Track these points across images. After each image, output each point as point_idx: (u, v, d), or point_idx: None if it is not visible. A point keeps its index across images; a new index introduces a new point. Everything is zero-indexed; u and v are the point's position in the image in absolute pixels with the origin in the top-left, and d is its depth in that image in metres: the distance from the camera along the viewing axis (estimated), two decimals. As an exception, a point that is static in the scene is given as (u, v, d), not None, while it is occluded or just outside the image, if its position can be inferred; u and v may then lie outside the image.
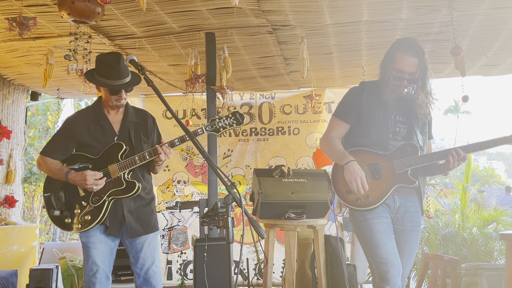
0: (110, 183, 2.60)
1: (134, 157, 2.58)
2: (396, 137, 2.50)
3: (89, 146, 2.65)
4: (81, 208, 2.58)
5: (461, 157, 2.36)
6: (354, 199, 2.45)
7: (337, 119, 2.59)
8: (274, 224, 3.72)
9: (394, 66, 2.44)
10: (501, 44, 4.20)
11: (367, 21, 3.74)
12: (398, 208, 2.50)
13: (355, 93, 2.59)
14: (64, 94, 6.04)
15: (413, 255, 2.55)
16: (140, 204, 2.71)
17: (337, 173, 2.51)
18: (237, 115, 2.62)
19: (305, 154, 5.79)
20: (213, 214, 2.31)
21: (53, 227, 11.29)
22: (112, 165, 2.60)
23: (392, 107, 2.51)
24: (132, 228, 2.65)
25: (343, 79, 5.48)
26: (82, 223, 2.55)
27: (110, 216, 2.61)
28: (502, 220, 5.48)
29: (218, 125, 2.60)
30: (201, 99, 5.58)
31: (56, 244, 5.86)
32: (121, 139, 2.67)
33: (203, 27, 3.93)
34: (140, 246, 2.69)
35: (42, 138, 12.16)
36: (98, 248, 2.60)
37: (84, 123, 2.67)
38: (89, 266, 2.60)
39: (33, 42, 4.13)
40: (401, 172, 2.42)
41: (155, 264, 2.72)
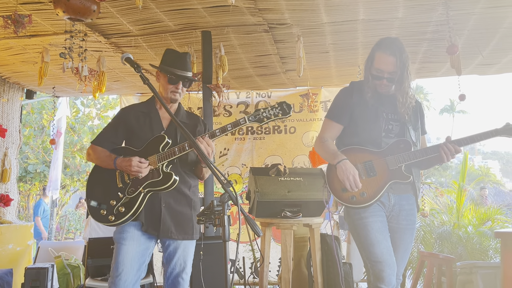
0: (148, 174, 2.49)
1: (173, 148, 2.46)
2: (389, 134, 2.51)
3: (135, 137, 2.58)
4: (117, 199, 2.48)
5: (453, 151, 2.36)
6: (349, 197, 2.46)
7: (329, 121, 2.63)
8: (270, 222, 3.72)
9: (373, 65, 2.48)
10: (496, 43, 4.22)
11: (363, 19, 3.75)
12: (393, 206, 2.51)
13: (346, 93, 2.62)
14: (60, 92, 6.01)
15: (408, 253, 2.55)
16: (179, 202, 2.56)
17: (332, 172, 2.53)
18: (284, 106, 2.40)
19: (301, 153, 5.80)
20: (209, 212, 2.32)
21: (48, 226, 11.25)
22: (152, 156, 2.50)
23: (383, 105, 2.53)
24: (165, 225, 2.50)
25: (339, 78, 5.48)
26: (116, 215, 2.44)
27: (146, 211, 2.49)
28: (497, 219, 5.51)
29: (262, 115, 2.40)
30: (197, 98, 5.58)
31: (51, 243, 5.84)
32: (168, 135, 2.56)
33: (200, 25, 3.92)
34: (174, 251, 2.56)
35: (37, 137, 12.10)
36: (129, 245, 2.45)
37: (135, 114, 2.64)
38: (115, 265, 2.43)
39: (28, 40, 4.11)
40: (395, 168, 2.43)
41: (186, 271, 2.58)
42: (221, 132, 2.44)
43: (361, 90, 2.56)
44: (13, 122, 5.67)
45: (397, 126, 2.52)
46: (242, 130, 5.93)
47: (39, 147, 12.13)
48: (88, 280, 3.83)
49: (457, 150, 2.37)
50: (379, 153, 2.47)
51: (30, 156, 11.80)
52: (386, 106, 2.54)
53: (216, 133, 2.44)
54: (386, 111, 2.54)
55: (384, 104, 2.54)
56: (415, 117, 2.57)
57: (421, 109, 2.63)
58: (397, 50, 2.43)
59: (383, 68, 2.44)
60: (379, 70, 2.45)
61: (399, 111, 2.51)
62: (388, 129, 2.51)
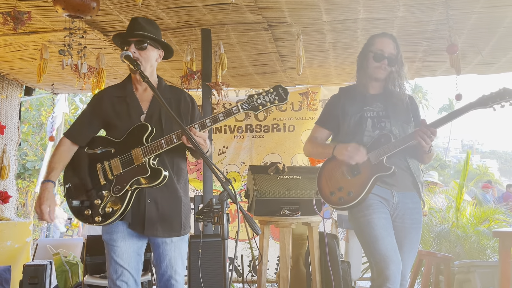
0: (133, 170, 2.24)
1: (160, 141, 2.20)
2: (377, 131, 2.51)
3: (113, 126, 2.34)
4: (102, 198, 2.26)
5: (428, 133, 2.34)
6: (337, 199, 2.48)
7: (317, 126, 2.71)
8: (269, 221, 3.72)
9: (374, 48, 2.53)
10: (496, 43, 4.22)
11: (363, 18, 3.74)
12: (397, 204, 2.48)
13: (333, 100, 2.69)
14: (59, 89, 6.01)
15: (414, 253, 2.51)
16: (168, 198, 2.32)
17: (321, 178, 2.58)
18: (279, 90, 2.16)
19: (300, 151, 5.79)
20: (208, 210, 2.32)
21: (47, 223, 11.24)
22: (136, 149, 2.24)
23: (371, 105, 2.55)
24: (150, 223, 2.26)
25: (338, 77, 5.48)
26: (102, 215, 2.23)
27: (133, 209, 2.26)
28: (495, 218, 5.51)
29: (257, 102, 2.15)
30: (196, 95, 5.57)
31: (49, 240, 5.84)
32: (149, 119, 2.31)
33: (199, 23, 3.91)
34: (164, 252, 2.32)
35: (35, 133, 12.09)
36: (121, 246, 2.26)
37: (110, 99, 2.37)
38: (112, 268, 2.26)
39: (28, 37, 4.10)
40: (377, 162, 2.43)
41: (178, 273, 2.35)
42: (213, 122, 2.19)
43: (351, 92, 2.61)
44: (11, 119, 5.66)
45: (389, 123, 2.52)
46: (241, 128, 5.92)
47: (38, 144, 12.11)
48: (86, 277, 3.83)
49: (432, 131, 2.35)
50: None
51: (29, 153, 11.79)
52: (374, 106, 2.56)
53: (207, 124, 2.19)
54: (376, 110, 2.55)
55: (372, 104, 2.56)
56: (405, 110, 2.57)
57: (412, 102, 2.64)
58: (392, 37, 2.55)
59: (385, 49, 2.50)
60: (381, 50, 2.50)
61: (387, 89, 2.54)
62: (381, 127, 2.52)
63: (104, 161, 2.30)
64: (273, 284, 5.63)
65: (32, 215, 12.12)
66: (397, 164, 2.46)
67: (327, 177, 2.56)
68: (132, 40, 2.31)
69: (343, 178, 2.48)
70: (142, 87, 2.38)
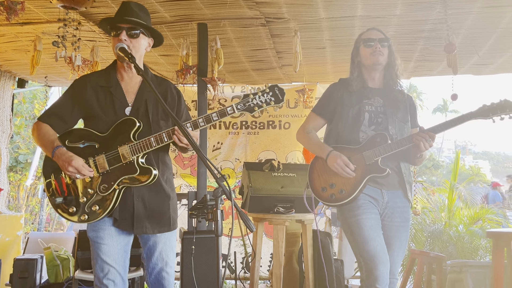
0: (121, 169, 2.13)
1: (149, 138, 2.10)
2: (378, 127, 2.51)
3: (96, 118, 2.19)
4: (87, 196, 2.15)
5: (427, 137, 2.35)
6: (329, 195, 2.47)
7: (313, 114, 2.68)
8: (263, 218, 3.70)
9: (362, 40, 2.55)
10: (493, 43, 4.22)
11: (361, 16, 3.73)
12: (387, 203, 2.49)
13: (332, 89, 2.66)
14: (52, 82, 5.93)
15: (403, 251, 2.53)
16: (155, 194, 2.24)
17: (312, 172, 2.57)
18: (276, 90, 2.08)
19: (295, 149, 5.78)
20: (202, 206, 2.30)
21: (38, 217, 11.16)
22: (123, 146, 2.13)
23: (370, 98, 2.54)
24: (139, 221, 2.18)
25: (335, 74, 5.46)
26: (89, 213, 2.14)
27: (121, 207, 2.17)
28: (487, 218, 5.54)
29: (253, 103, 2.08)
30: (192, 91, 5.53)
31: (41, 234, 5.78)
32: (135, 111, 2.19)
33: (196, 17, 3.87)
34: (154, 245, 2.25)
35: (28, 126, 11.98)
36: (109, 244, 2.17)
37: (93, 88, 2.21)
38: (98, 265, 2.18)
39: (21, 28, 4.03)
40: (371, 163, 2.42)
41: (169, 265, 2.30)
42: (206, 122, 2.09)
43: (348, 85, 2.58)
44: (4, 111, 5.59)
45: (385, 120, 2.51)
46: (236, 124, 5.89)
47: (30, 137, 12.01)
48: (77, 272, 3.80)
49: (431, 136, 2.36)
50: (357, 149, 2.48)
51: (21, 146, 11.69)
52: (373, 99, 2.55)
53: (199, 123, 2.09)
54: (375, 104, 2.54)
55: (370, 97, 2.54)
56: (404, 109, 2.57)
57: (411, 102, 2.64)
58: (379, 29, 2.59)
59: (371, 36, 2.53)
60: (368, 38, 2.52)
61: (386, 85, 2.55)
62: (378, 122, 2.51)
63: (89, 157, 2.16)
64: (266, 281, 5.61)
65: (23, 208, 12.02)
66: (388, 164, 2.45)
67: (319, 171, 2.55)
68: (124, 26, 2.18)
69: (336, 175, 2.46)
70: (128, 76, 2.26)
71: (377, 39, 2.52)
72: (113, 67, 2.28)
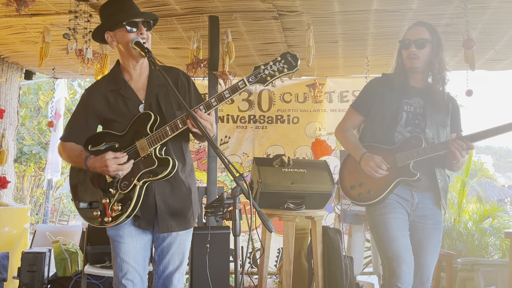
0: (140, 163, 2.08)
1: (165, 127, 2.04)
2: (415, 129, 2.45)
3: (112, 121, 2.17)
4: (110, 197, 2.11)
5: (464, 146, 2.30)
6: (357, 194, 2.48)
7: (352, 110, 2.65)
8: (273, 214, 3.67)
9: (404, 39, 2.48)
10: (509, 39, 4.14)
11: (376, 10, 3.65)
12: (417, 204, 2.45)
13: (373, 85, 2.60)
14: (60, 74, 5.88)
15: (436, 254, 2.46)
16: (177, 190, 2.18)
17: (344, 169, 2.58)
18: (288, 57, 1.96)
19: (303, 144, 5.73)
20: (218, 205, 2.25)
21: (43, 208, 11.18)
22: (141, 140, 2.08)
23: (411, 98, 2.48)
24: (164, 221, 2.13)
25: (345, 69, 5.40)
26: (112, 215, 2.09)
27: (143, 207, 2.11)
28: (497, 216, 5.50)
29: (265, 73, 1.96)
30: (202, 84, 5.47)
31: (48, 227, 5.77)
32: (148, 107, 2.15)
33: (207, 10, 3.80)
34: (168, 246, 2.19)
35: (33, 118, 11.96)
36: (128, 242, 2.14)
37: (102, 94, 2.19)
38: (118, 264, 2.15)
39: (30, 19, 3.98)
40: (403, 165, 2.39)
41: (180, 270, 2.22)
42: (218, 101, 2.00)
43: (390, 82, 2.52)
44: (11, 103, 5.55)
45: (424, 122, 2.45)
46: (244, 118, 5.84)
47: (35, 128, 11.99)
48: (87, 266, 3.78)
49: (468, 145, 2.31)
50: (390, 150, 2.44)
51: (26, 137, 11.67)
52: (413, 99, 2.48)
53: (212, 103, 2.01)
54: (414, 105, 2.48)
55: (411, 96, 2.48)
56: (444, 112, 2.50)
57: (454, 106, 2.55)
58: (426, 23, 2.50)
59: (410, 37, 2.45)
60: (407, 39, 2.45)
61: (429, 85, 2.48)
62: (415, 124, 2.46)
63: None
64: (272, 277, 5.59)
65: (28, 199, 12.04)
66: (421, 168, 2.40)
67: (350, 169, 2.55)
68: (139, 20, 2.12)
69: (365, 174, 2.45)
70: (137, 73, 2.21)
71: (414, 41, 2.42)
72: (118, 69, 2.24)
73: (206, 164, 5.56)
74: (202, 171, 5.76)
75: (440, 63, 2.44)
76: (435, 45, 2.44)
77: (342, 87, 5.71)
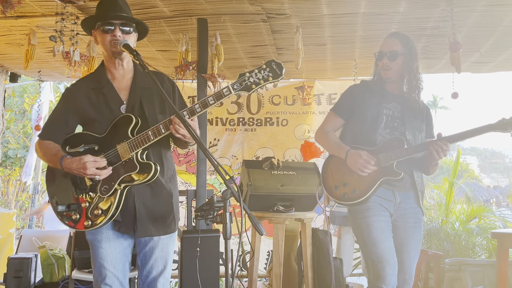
0: (121, 167, 2.05)
1: (147, 132, 2.01)
2: (393, 132, 2.52)
3: (93, 121, 2.13)
4: (89, 200, 2.07)
5: (444, 147, 2.36)
6: (341, 194, 2.51)
7: (332, 113, 2.70)
8: (263, 216, 3.67)
9: (380, 50, 2.57)
10: (494, 42, 4.21)
11: (364, 13, 3.68)
12: (399, 204, 2.51)
13: (353, 89, 2.68)
14: (46, 76, 5.80)
15: (418, 252, 2.54)
16: (157, 194, 2.16)
17: (326, 169, 2.61)
18: (273, 65, 1.96)
19: (292, 146, 5.74)
20: (208, 208, 2.23)
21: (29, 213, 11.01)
22: (122, 143, 2.05)
23: (389, 103, 2.56)
24: (142, 225, 2.10)
25: (334, 71, 5.43)
26: (91, 218, 2.05)
27: (122, 211, 2.08)
28: (484, 216, 5.57)
29: (249, 81, 1.96)
30: (191, 87, 5.45)
31: (35, 232, 5.68)
32: (130, 109, 2.12)
33: (196, 12, 3.79)
34: (151, 251, 2.16)
35: (18, 121, 11.79)
36: (106, 247, 2.10)
37: (84, 92, 2.15)
38: (96, 269, 2.12)
39: (15, 21, 3.91)
40: (386, 166, 2.44)
41: (164, 275, 2.19)
42: (202, 107, 1.99)
43: (371, 87, 2.61)
44: (-5, 106, 5.46)
45: (402, 126, 2.53)
46: (233, 120, 5.83)
47: (20, 131, 11.82)
48: (75, 272, 3.73)
49: (448, 146, 2.37)
50: (373, 151, 2.48)
51: (11, 140, 11.50)
52: (391, 104, 2.56)
53: (196, 110, 1.98)
54: (392, 109, 2.56)
55: (389, 101, 2.56)
56: (420, 118, 2.59)
57: (428, 113, 2.67)
58: (399, 34, 2.58)
59: (384, 49, 2.54)
60: (381, 51, 2.54)
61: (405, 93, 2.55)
62: (393, 127, 2.53)
63: None
64: (262, 279, 5.58)
65: (13, 204, 11.85)
66: (402, 169, 2.46)
67: (333, 169, 2.57)
68: (117, 22, 2.11)
69: (350, 174, 2.48)
70: (119, 73, 2.19)
71: (386, 53, 2.52)
72: (102, 68, 2.22)
73: (195, 167, 5.55)
74: (191, 174, 5.73)
75: (413, 72, 2.52)
76: (407, 56, 2.51)
77: (330, 89, 5.75)
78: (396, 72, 2.52)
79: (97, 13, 2.18)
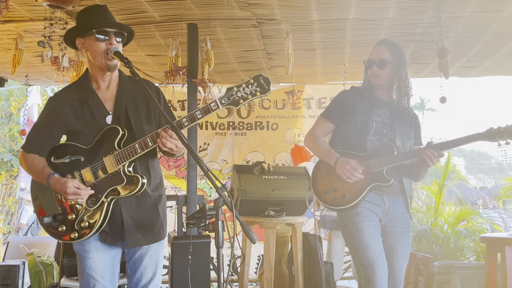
0: (108, 180, 2.04)
1: (134, 145, 1.99)
2: (383, 138, 2.54)
3: (78, 132, 2.10)
4: (76, 212, 2.05)
5: (435, 154, 2.39)
6: (331, 199, 2.51)
7: (322, 118, 2.71)
8: (253, 221, 3.66)
9: (368, 58, 2.60)
10: (481, 47, 4.27)
11: (354, 18, 3.71)
12: (388, 209, 2.53)
13: (344, 95, 2.70)
14: (33, 81, 5.73)
15: (407, 257, 2.56)
16: (143, 204, 2.15)
17: (316, 174, 2.61)
18: (260, 80, 1.96)
19: (283, 150, 5.75)
20: (200, 216, 2.22)
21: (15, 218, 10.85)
22: (108, 156, 2.03)
23: (378, 109, 2.58)
24: (130, 235, 2.09)
25: (323, 76, 5.46)
26: (78, 231, 2.04)
27: (109, 222, 2.07)
28: (471, 218, 5.64)
29: (237, 96, 1.95)
30: (181, 92, 5.43)
31: (22, 239, 5.59)
32: (116, 120, 2.10)
33: (186, 17, 3.79)
34: (140, 258, 2.15)
35: (4, 124, 11.62)
36: (94, 257, 2.08)
37: (68, 104, 2.10)
38: (84, 280, 2.09)
39: (2, 26, 3.86)
40: (376, 171, 2.46)
41: (154, 282, 2.18)
42: (190, 121, 1.97)
43: (359, 94, 2.63)
44: (-18, 111, 5.38)
45: (392, 132, 2.56)
46: (223, 125, 5.82)
47: (6, 135, 11.65)
48: (63, 279, 3.68)
49: (439, 153, 2.40)
50: (362, 156, 2.51)
51: (-5, 145, 11.34)
52: (380, 110, 2.59)
53: (183, 123, 1.96)
54: (382, 116, 2.58)
55: (379, 107, 2.59)
56: (409, 126, 2.62)
57: (416, 121, 2.70)
58: (388, 42, 2.61)
59: (372, 57, 2.57)
60: (370, 60, 2.58)
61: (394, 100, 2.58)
62: (383, 133, 2.55)
63: (74, 171, 2.07)
64: (253, 284, 5.58)
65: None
66: (392, 175, 2.48)
67: (323, 174, 2.58)
68: (111, 31, 2.07)
69: (340, 180, 2.48)
70: (105, 84, 2.14)
71: (375, 61, 2.55)
72: (87, 77, 2.16)
73: (185, 171, 5.52)
74: (181, 179, 5.71)
75: (402, 80, 2.55)
76: (396, 63, 2.54)
77: (320, 93, 5.78)
78: (386, 80, 2.56)
79: (86, 19, 2.10)
